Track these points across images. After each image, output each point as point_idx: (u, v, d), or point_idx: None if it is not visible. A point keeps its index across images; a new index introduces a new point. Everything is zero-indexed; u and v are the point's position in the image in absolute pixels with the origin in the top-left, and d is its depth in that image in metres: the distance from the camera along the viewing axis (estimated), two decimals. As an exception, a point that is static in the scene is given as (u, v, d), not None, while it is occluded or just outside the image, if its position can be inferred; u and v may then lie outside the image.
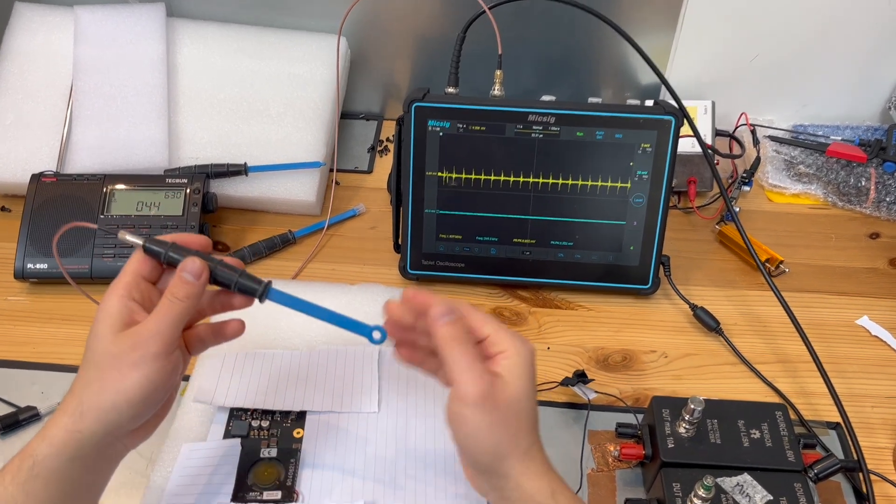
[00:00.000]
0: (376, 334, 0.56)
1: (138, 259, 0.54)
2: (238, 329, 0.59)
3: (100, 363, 0.51)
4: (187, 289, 0.52)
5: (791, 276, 0.90)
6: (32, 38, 0.97)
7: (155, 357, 0.50)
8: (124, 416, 0.50)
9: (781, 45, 1.00)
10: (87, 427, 0.50)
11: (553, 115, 0.78)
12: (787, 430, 0.66)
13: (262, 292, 0.54)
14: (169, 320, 0.51)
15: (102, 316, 0.52)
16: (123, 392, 0.50)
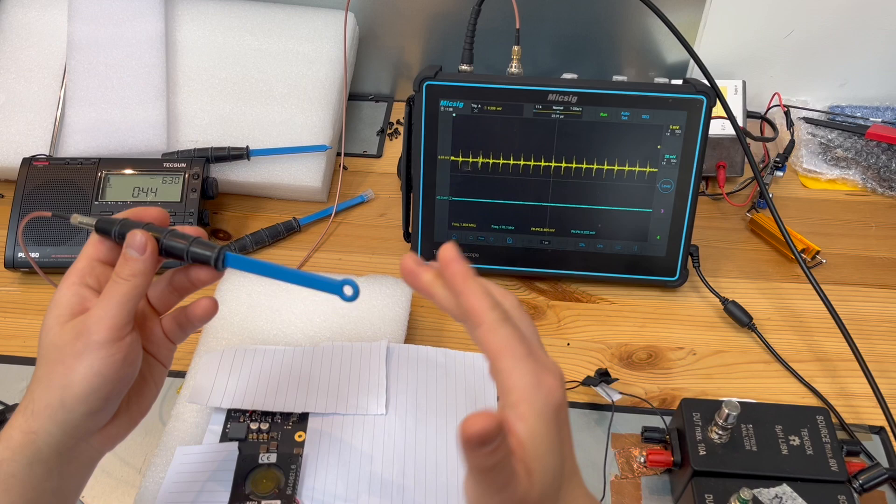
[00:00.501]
0: (347, 289, 0.47)
1: (92, 242, 0.49)
2: (209, 308, 0.52)
3: (47, 356, 0.46)
4: (132, 266, 0.46)
5: (828, 267, 0.84)
6: (25, 14, 0.92)
7: (99, 345, 0.44)
8: (75, 413, 0.45)
9: (818, 21, 0.94)
10: (40, 427, 0.45)
11: (575, 93, 0.73)
12: (830, 437, 0.61)
13: (216, 258, 0.47)
14: (113, 303, 0.45)
15: (51, 306, 0.47)
16: (69, 386, 0.44)
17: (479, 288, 0.41)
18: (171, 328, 0.52)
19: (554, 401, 0.39)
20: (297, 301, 0.72)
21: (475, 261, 0.80)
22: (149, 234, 0.47)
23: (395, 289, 0.75)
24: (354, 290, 0.47)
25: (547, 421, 0.39)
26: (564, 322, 0.78)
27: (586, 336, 0.77)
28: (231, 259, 0.48)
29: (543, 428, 0.39)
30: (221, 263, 0.48)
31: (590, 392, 0.70)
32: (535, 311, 0.79)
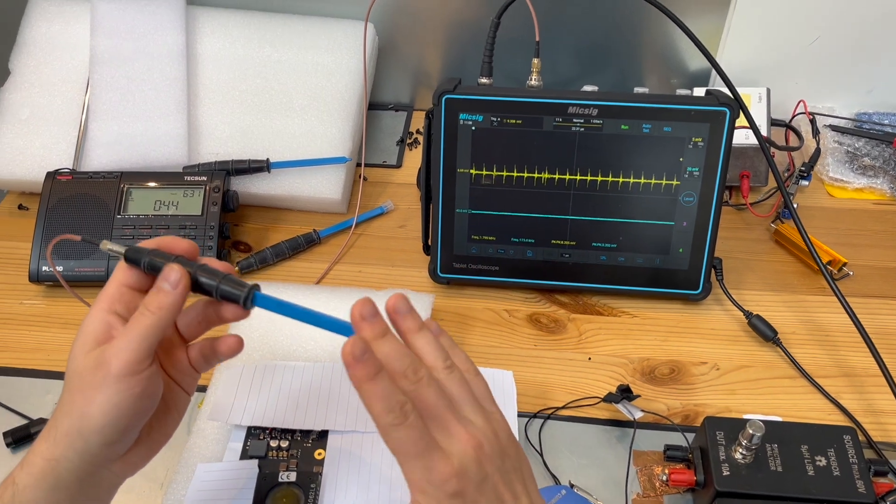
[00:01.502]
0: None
1: (122, 268, 0.48)
2: (234, 346, 0.52)
3: (70, 384, 0.46)
4: (161, 299, 0.46)
5: (855, 279, 0.82)
6: (48, 28, 0.93)
7: (117, 378, 0.44)
8: (92, 443, 0.45)
9: (844, 26, 0.92)
10: (61, 454, 0.45)
11: (595, 106, 0.72)
12: (857, 457, 0.60)
13: (245, 298, 0.47)
14: (135, 335, 0.45)
15: (79, 334, 0.47)
16: (87, 417, 0.44)
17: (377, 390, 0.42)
18: (197, 358, 0.52)
19: (448, 489, 0.42)
20: (316, 317, 0.72)
21: (495, 273, 0.80)
22: (184, 270, 0.46)
23: (415, 303, 0.73)
24: None
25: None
26: (585, 336, 0.77)
27: (608, 350, 0.76)
28: (259, 299, 0.47)
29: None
30: (250, 303, 0.47)
31: (611, 408, 0.69)
32: (556, 324, 0.79)
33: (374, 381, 0.42)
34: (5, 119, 0.90)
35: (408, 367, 0.44)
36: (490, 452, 0.44)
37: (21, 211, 0.92)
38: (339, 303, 0.74)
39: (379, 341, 0.44)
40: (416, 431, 0.42)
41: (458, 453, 0.43)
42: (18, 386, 0.72)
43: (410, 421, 0.42)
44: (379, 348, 0.44)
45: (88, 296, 0.79)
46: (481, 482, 0.43)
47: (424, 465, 0.42)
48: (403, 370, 0.43)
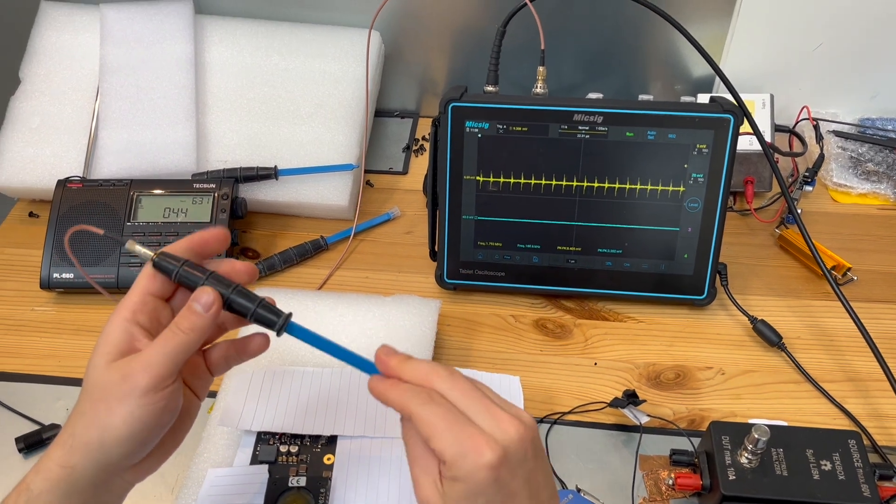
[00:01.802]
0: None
1: (147, 275, 0.48)
2: (262, 344, 0.53)
3: (91, 394, 0.46)
4: (193, 320, 0.46)
5: (860, 284, 0.83)
6: (58, 37, 0.94)
7: (143, 392, 0.45)
8: (112, 454, 0.46)
9: (847, 33, 0.93)
10: (77, 462, 0.46)
11: (600, 114, 0.73)
12: (862, 461, 0.60)
13: (280, 326, 0.48)
14: (165, 352, 0.46)
15: (100, 342, 0.47)
16: (111, 428, 0.45)
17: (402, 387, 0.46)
18: (217, 360, 0.52)
19: (483, 461, 0.42)
20: (325, 323, 0.73)
21: (501, 279, 0.80)
22: (217, 293, 0.47)
23: (422, 308, 0.75)
24: None
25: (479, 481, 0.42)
26: (591, 341, 0.78)
27: (614, 355, 0.77)
28: (292, 327, 0.48)
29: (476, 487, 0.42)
30: (283, 331, 0.48)
31: (617, 413, 0.70)
32: (562, 329, 0.79)
33: (397, 384, 0.46)
34: (16, 127, 0.91)
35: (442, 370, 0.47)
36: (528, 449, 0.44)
37: (31, 218, 0.93)
38: (345, 308, 0.75)
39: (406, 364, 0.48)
40: (445, 409, 0.44)
41: (501, 436, 0.43)
42: (30, 392, 0.73)
43: (437, 400, 0.45)
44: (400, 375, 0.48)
45: (98, 302, 0.81)
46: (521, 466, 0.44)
47: (457, 437, 0.43)
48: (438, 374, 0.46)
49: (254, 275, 0.51)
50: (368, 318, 0.74)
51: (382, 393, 0.47)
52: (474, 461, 0.42)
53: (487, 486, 0.43)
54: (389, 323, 0.74)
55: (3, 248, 0.89)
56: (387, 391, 0.47)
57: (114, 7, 0.93)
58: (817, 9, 0.91)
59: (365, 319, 0.74)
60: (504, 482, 0.43)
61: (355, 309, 0.75)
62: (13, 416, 0.70)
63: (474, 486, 0.43)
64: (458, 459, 0.43)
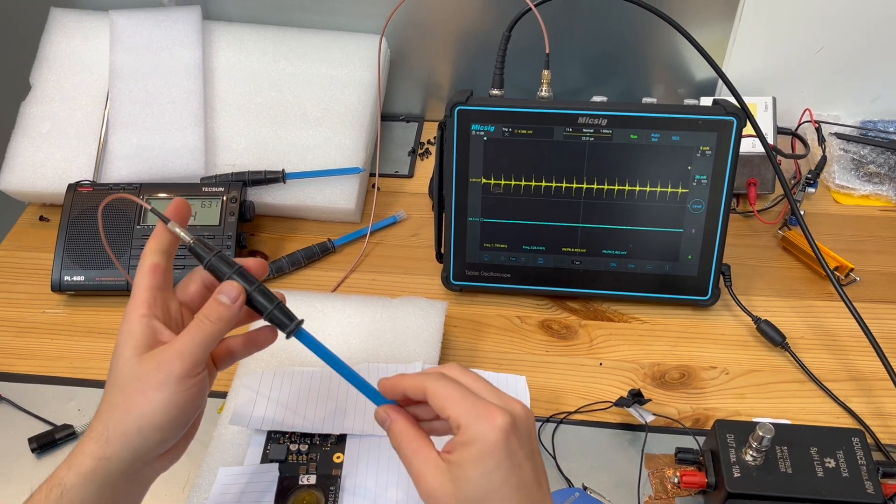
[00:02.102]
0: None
1: (148, 271, 0.51)
2: (270, 336, 0.56)
3: (124, 386, 0.49)
4: (220, 311, 0.50)
5: (862, 284, 0.84)
6: (69, 43, 0.95)
7: (179, 379, 0.48)
8: (150, 440, 0.48)
9: (849, 35, 0.93)
10: (113, 453, 0.48)
11: (605, 116, 0.74)
12: (865, 458, 0.61)
13: (291, 329, 0.51)
14: (197, 341, 0.49)
15: (125, 338, 0.50)
16: (149, 416, 0.48)
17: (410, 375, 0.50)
18: (223, 355, 0.55)
19: (496, 423, 0.45)
20: (333, 324, 0.74)
21: (507, 281, 0.81)
22: (242, 287, 0.50)
23: (429, 310, 0.76)
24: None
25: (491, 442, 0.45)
26: (597, 341, 0.79)
27: (619, 356, 0.77)
28: (301, 334, 0.51)
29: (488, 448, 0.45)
30: (291, 334, 0.51)
31: (623, 412, 0.70)
32: (568, 330, 0.80)
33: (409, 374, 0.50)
34: (27, 132, 0.92)
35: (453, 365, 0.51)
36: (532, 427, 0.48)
37: (42, 222, 0.94)
38: (353, 310, 0.76)
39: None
40: (458, 385, 0.48)
41: (509, 407, 0.47)
42: (42, 393, 0.74)
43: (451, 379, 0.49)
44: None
45: (109, 304, 0.82)
46: (526, 439, 0.47)
47: (472, 404, 0.46)
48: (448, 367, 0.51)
49: (264, 271, 0.54)
50: (376, 320, 0.75)
51: (397, 383, 0.50)
52: (488, 423, 0.45)
53: (499, 448, 0.45)
54: (396, 324, 0.74)
55: (14, 251, 0.90)
56: (401, 378, 0.50)
57: (123, 13, 0.94)
58: (819, 12, 0.92)
59: (372, 321, 0.75)
60: (513, 448, 0.46)
61: (363, 310, 0.76)
62: (26, 417, 0.71)
63: (487, 448, 0.45)
64: (473, 422, 0.46)
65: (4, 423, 0.71)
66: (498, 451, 0.45)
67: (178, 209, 0.52)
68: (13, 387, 0.74)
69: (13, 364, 0.77)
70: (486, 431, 0.45)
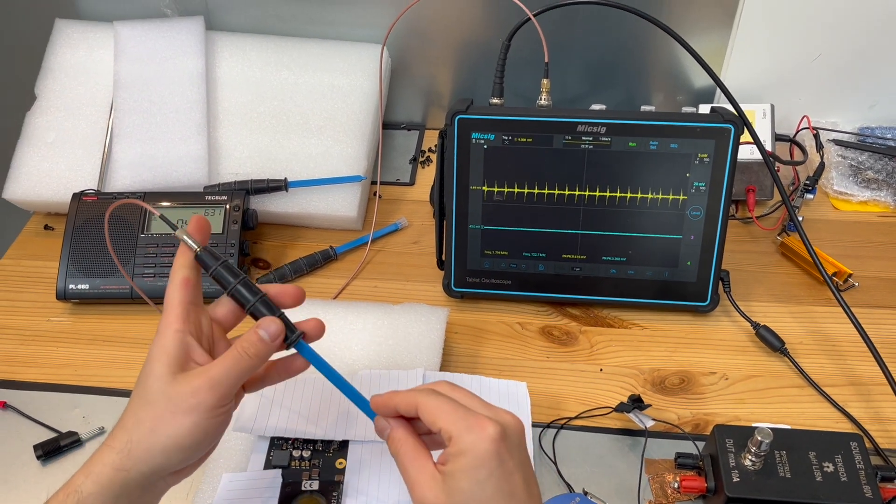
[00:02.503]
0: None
1: (179, 285, 0.52)
2: (302, 367, 0.57)
3: (154, 403, 0.49)
4: (259, 347, 0.51)
5: (861, 290, 0.84)
6: (73, 54, 0.96)
7: (210, 408, 0.49)
8: (173, 459, 0.49)
9: (846, 43, 0.94)
10: (133, 467, 0.48)
11: (604, 124, 0.74)
12: (864, 463, 0.61)
13: (292, 341, 0.53)
14: (233, 374, 0.50)
15: (158, 353, 0.50)
16: (175, 437, 0.49)
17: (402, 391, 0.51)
18: (254, 381, 0.56)
19: (487, 433, 0.46)
20: (335, 332, 0.75)
21: (507, 287, 0.82)
22: (283, 326, 0.52)
23: (430, 317, 0.76)
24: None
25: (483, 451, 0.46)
26: (597, 348, 0.79)
27: (619, 361, 0.78)
28: (301, 346, 0.54)
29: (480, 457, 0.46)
30: (291, 346, 0.53)
31: (623, 418, 0.71)
32: (568, 336, 0.80)
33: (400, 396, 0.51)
34: (32, 142, 0.93)
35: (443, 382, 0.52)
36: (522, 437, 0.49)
37: (47, 231, 0.94)
38: (355, 317, 0.76)
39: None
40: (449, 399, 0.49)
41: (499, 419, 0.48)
42: (47, 400, 0.74)
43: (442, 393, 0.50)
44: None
45: (113, 312, 0.83)
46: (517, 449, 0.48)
47: (463, 416, 0.47)
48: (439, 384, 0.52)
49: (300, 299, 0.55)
50: (378, 327, 0.75)
51: (388, 399, 0.51)
52: (479, 434, 0.46)
53: (490, 458, 0.46)
54: (398, 331, 0.75)
55: (19, 259, 0.91)
56: (393, 395, 0.51)
57: (127, 24, 0.95)
58: (816, 20, 0.93)
59: (374, 328, 0.75)
60: (504, 458, 0.47)
61: (364, 318, 0.76)
62: (31, 425, 0.72)
63: (479, 457, 0.46)
64: (464, 433, 0.47)
65: (10, 431, 0.71)
66: (489, 461, 0.46)
67: (199, 225, 0.54)
68: (18, 394, 0.75)
69: (18, 372, 0.78)
70: (476, 442, 0.46)
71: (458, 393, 0.51)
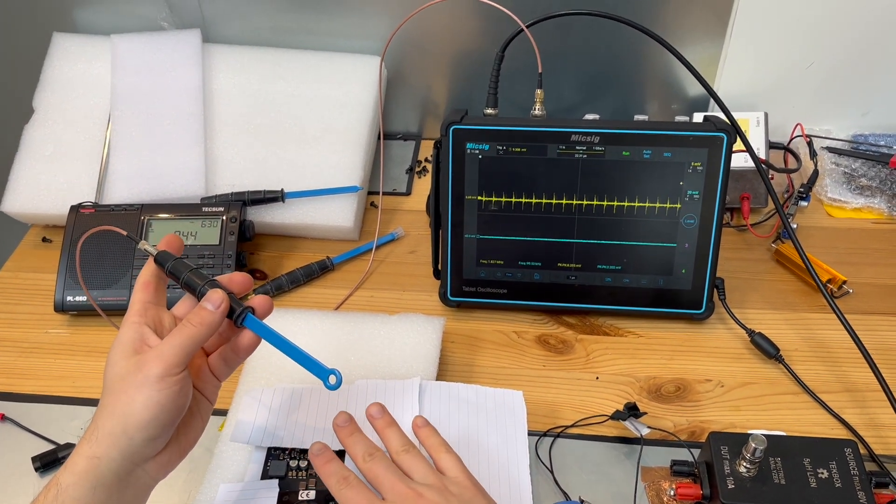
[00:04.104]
0: (332, 378, 0.56)
1: (142, 287, 0.56)
2: (252, 340, 0.57)
3: (111, 388, 0.51)
4: (202, 315, 0.53)
5: (855, 297, 0.84)
6: (71, 67, 0.97)
7: (158, 378, 0.50)
8: (135, 440, 0.50)
9: (839, 51, 0.95)
10: (103, 453, 0.49)
11: (597, 134, 0.75)
12: (858, 469, 0.62)
13: (238, 314, 0.55)
14: (174, 343, 0.51)
15: (115, 343, 0.53)
16: (131, 414, 0.50)
17: (330, 468, 0.57)
18: (217, 365, 0.57)
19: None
20: (331, 341, 0.75)
21: (503, 296, 0.82)
22: (226, 294, 0.54)
23: (426, 326, 0.77)
24: (338, 380, 0.56)
25: None
26: (593, 356, 0.80)
27: (615, 369, 0.78)
28: (249, 320, 0.56)
29: None
30: (240, 321, 0.55)
31: (619, 426, 0.71)
32: (564, 344, 0.81)
33: (329, 463, 0.57)
34: (30, 155, 0.93)
35: (364, 450, 0.58)
36: (432, 499, 0.54)
37: (45, 243, 0.95)
38: (352, 327, 0.77)
39: (349, 438, 0.59)
40: (359, 491, 0.55)
41: (393, 499, 0.54)
42: (46, 412, 0.75)
43: (352, 483, 0.55)
44: (347, 441, 0.59)
45: (111, 325, 0.83)
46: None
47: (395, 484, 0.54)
48: (361, 453, 0.57)
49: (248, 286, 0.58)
50: (374, 337, 0.76)
51: (316, 465, 0.58)
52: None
53: None
54: (395, 341, 0.75)
55: (17, 272, 0.91)
56: (320, 468, 0.57)
57: (124, 38, 0.96)
58: (809, 28, 0.93)
59: (371, 337, 0.76)
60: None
61: (361, 328, 0.77)
62: (29, 437, 0.72)
63: None
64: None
65: (8, 443, 0.72)
66: None
67: (168, 240, 0.58)
68: (17, 406, 0.75)
69: (17, 384, 0.78)
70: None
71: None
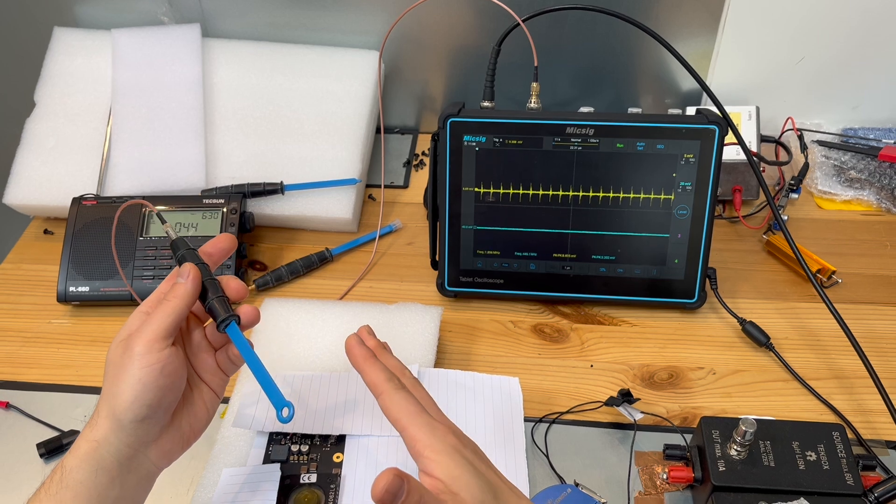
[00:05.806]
0: (285, 411, 0.55)
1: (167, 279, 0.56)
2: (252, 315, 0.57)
3: (106, 373, 0.53)
4: (175, 289, 0.53)
5: (844, 286, 0.86)
6: (72, 61, 0.98)
7: (140, 355, 0.51)
8: (125, 420, 0.51)
9: (829, 46, 0.96)
10: (102, 437, 0.51)
11: (592, 126, 0.76)
12: (845, 452, 0.63)
13: (222, 320, 0.55)
14: (156, 319, 0.52)
15: (119, 332, 0.54)
16: (119, 395, 0.51)
17: (377, 365, 0.55)
18: (223, 361, 0.58)
19: (451, 441, 0.50)
20: (332, 329, 0.76)
21: (500, 286, 0.84)
22: (195, 266, 0.55)
23: (424, 315, 0.78)
24: (290, 412, 0.55)
25: (451, 455, 0.49)
26: (588, 344, 0.81)
27: (609, 357, 0.80)
28: (231, 330, 0.55)
29: (451, 461, 0.48)
30: (223, 327, 0.55)
31: (613, 412, 0.73)
32: (559, 333, 0.82)
33: (373, 360, 0.56)
34: (32, 148, 0.94)
35: (396, 365, 0.57)
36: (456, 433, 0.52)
37: (47, 235, 0.96)
38: (351, 317, 0.78)
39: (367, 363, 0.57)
40: (412, 399, 0.52)
41: (447, 424, 0.52)
42: (50, 400, 0.76)
43: (407, 388, 0.53)
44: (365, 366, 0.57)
45: (112, 314, 0.84)
46: (467, 446, 0.51)
47: (426, 423, 0.51)
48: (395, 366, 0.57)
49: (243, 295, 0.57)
50: (374, 325, 0.76)
51: (355, 359, 0.57)
52: (444, 441, 0.50)
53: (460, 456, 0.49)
54: (393, 330, 0.77)
55: (20, 263, 0.92)
56: (361, 363, 0.56)
57: (125, 32, 0.97)
58: (800, 24, 0.95)
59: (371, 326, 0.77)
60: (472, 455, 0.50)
61: (360, 317, 0.78)
62: (34, 424, 0.73)
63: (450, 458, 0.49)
64: (433, 442, 0.50)
65: (13, 430, 0.73)
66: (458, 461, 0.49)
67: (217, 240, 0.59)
68: (21, 394, 0.76)
69: (21, 373, 0.79)
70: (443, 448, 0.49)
71: (411, 388, 0.54)
